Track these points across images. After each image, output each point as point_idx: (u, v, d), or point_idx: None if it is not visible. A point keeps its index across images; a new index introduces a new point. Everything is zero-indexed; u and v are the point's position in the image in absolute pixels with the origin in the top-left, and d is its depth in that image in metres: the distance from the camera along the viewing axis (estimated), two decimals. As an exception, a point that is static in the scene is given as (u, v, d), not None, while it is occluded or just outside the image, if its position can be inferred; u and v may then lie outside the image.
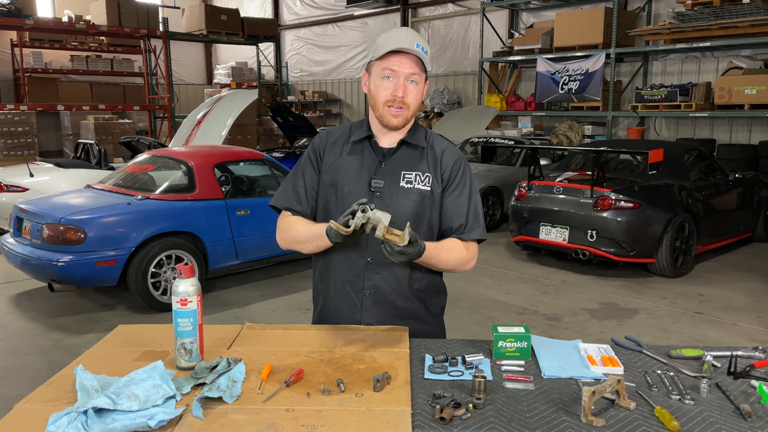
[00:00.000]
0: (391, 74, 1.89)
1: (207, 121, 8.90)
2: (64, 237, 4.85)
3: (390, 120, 1.92)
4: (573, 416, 1.45)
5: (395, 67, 1.88)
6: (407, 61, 1.88)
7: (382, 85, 1.91)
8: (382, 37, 1.93)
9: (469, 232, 1.99)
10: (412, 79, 1.90)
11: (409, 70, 1.88)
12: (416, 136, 2.02)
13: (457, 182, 2.01)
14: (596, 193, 6.20)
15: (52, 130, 16.28)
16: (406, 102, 1.90)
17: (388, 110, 1.91)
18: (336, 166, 2.01)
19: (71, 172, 7.76)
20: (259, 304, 5.54)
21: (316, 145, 2.08)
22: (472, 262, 2.02)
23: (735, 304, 5.54)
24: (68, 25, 12.91)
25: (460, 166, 2.02)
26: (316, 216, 2.06)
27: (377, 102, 1.93)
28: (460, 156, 2.04)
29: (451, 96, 15.50)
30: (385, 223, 1.64)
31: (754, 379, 1.62)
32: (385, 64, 1.88)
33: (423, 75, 1.93)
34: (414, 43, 1.87)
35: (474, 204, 2.02)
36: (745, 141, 11.04)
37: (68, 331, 4.87)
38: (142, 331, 1.95)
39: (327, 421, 1.39)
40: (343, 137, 2.05)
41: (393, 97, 1.89)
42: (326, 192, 2.02)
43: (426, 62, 1.90)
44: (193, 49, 21.06)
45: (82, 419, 1.35)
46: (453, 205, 2.00)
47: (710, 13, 10.24)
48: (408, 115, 1.94)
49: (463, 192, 2.01)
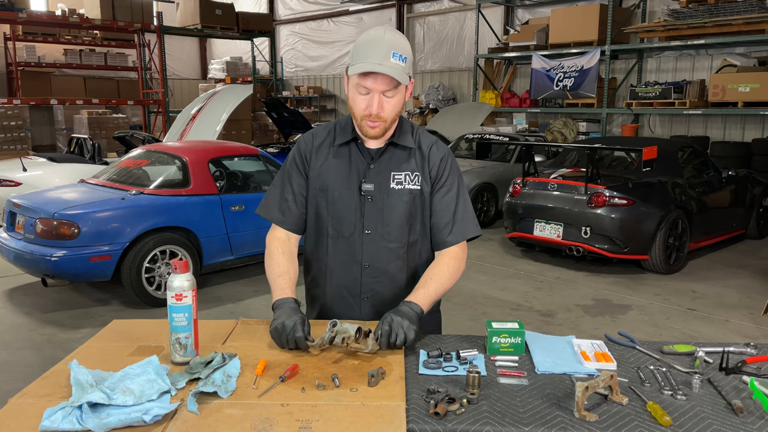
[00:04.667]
0: (366, 91, 1.84)
1: (201, 116, 8.88)
2: (58, 232, 4.84)
3: (368, 131, 1.89)
4: (566, 411, 1.46)
5: (369, 86, 1.82)
6: (381, 80, 1.80)
7: (358, 98, 1.86)
8: (359, 44, 1.84)
9: (459, 231, 1.98)
10: (387, 95, 1.84)
11: (384, 88, 1.82)
12: (403, 137, 1.98)
13: (445, 179, 1.98)
14: (590, 190, 6.22)
15: (46, 125, 16.20)
16: (382, 116, 1.85)
17: (366, 122, 1.87)
18: (324, 170, 1.97)
19: (65, 167, 7.73)
20: (254, 300, 5.53)
21: (301, 149, 2.02)
22: (463, 264, 2.00)
23: (727, 301, 5.58)
24: (62, 19, 12.83)
25: (447, 163, 1.99)
26: (306, 221, 2.04)
27: (355, 113, 1.90)
28: (446, 152, 2.02)
29: (446, 92, 15.50)
30: (351, 333, 1.68)
31: (746, 374, 1.64)
32: (360, 81, 1.82)
33: (401, 86, 1.85)
34: (389, 54, 1.78)
35: (463, 201, 2.00)
36: (739, 138, 11.08)
37: (62, 326, 4.86)
38: (136, 326, 1.95)
39: (322, 416, 1.39)
40: (328, 139, 2.01)
41: (368, 112, 1.85)
42: (316, 197, 1.99)
43: (402, 75, 1.81)
44: (188, 44, 20.97)
45: (76, 414, 1.35)
46: (441, 204, 1.98)
47: (705, 10, 10.27)
48: (386, 125, 1.89)
49: (451, 189, 1.99)
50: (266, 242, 2.03)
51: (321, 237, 2.01)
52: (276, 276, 1.94)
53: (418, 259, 2.03)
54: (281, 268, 1.95)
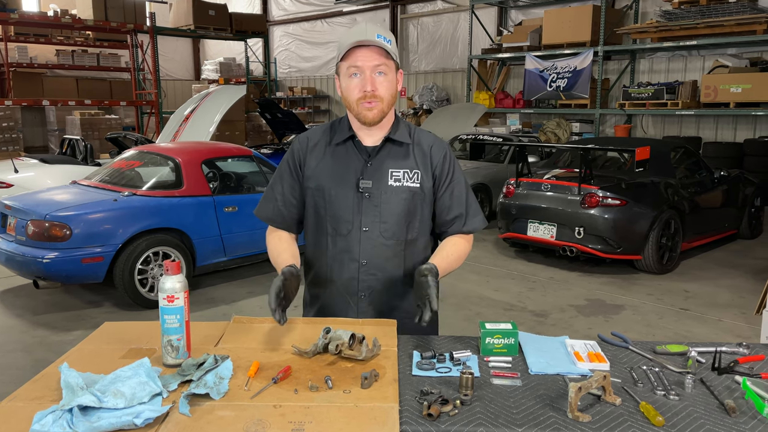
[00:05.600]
0: (357, 70, 1.86)
1: (195, 117, 8.85)
2: (50, 233, 4.81)
3: (365, 114, 1.89)
4: (559, 412, 1.46)
5: (360, 63, 1.85)
6: (370, 53, 1.84)
7: (351, 83, 1.88)
8: (343, 38, 1.91)
9: (470, 222, 2.04)
10: (380, 71, 1.86)
11: (374, 62, 1.85)
12: (400, 133, 1.99)
13: (451, 175, 2.02)
14: (583, 191, 6.24)
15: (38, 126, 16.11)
16: (377, 95, 1.87)
17: (362, 105, 1.88)
18: (320, 169, 1.98)
19: (56, 168, 7.69)
20: (247, 301, 5.52)
21: (295, 151, 2.03)
22: (468, 250, 2.08)
23: (719, 301, 5.60)
24: (54, 20, 12.77)
25: (450, 159, 2.03)
26: (304, 221, 2.07)
27: (350, 102, 1.91)
28: (447, 149, 2.05)
29: (440, 93, 15.52)
30: (345, 340, 1.68)
31: (738, 374, 1.64)
32: (350, 62, 1.86)
33: (391, 64, 1.88)
34: (375, 34, 1.83)
35: (470, 193, 2.07)
36: (731, 139, 11.15)
37: (54, 329, 4.83)
38: (128, 328, 1.94)
39: (315, 418, 1.38)
40: (324, 139, 2.02)
41: (363, 93, 1.86)
42: (314, 197, 2.00)
43: (391, 51, 1.86)
44: (181, 45, 20.92)
45: (67, 417, 1.34)
46: (452, 198, 2.02)
47: (697, 11, 10.33)
48: (383, 107, 1.90)
49: (459, 183, 2.04)
50: (266, 237, 2.10)
51: (320, 236, 2.02)
52: (276, 256, 2.01)
53: (416, 257, 2.03)
54: (281, 248, 2.02)
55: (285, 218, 2.06)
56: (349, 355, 1.67)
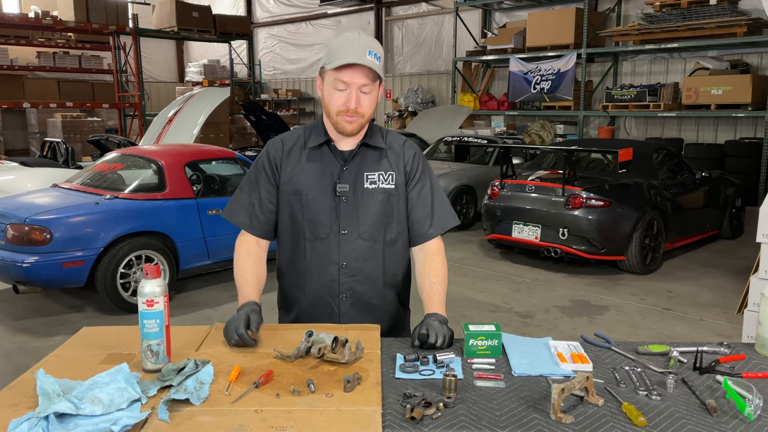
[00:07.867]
0: (344, 86, 1.87)
1: (178, 120, 8.79)
2: (29, 237, 4.74)
3: (345, 126, 1.91)
4: (543, 414, 1.46)
5: (347, 79, 1.85)
6: (359, 73, 1.85)
7: (335, 95, 1.88)
8: (334, 44, 1.89)
9: (438, 223, 2.04)
10: (364, 90, 1.88)
11: (361, 82, 1.86)
12: (375, 138, 2.01)
13: (419, 175, 2.03)
14: (567, 192, 6.27)
15: (18, 128, 15.91)
16: (359, 112, 1.89)
17: (343, 118, 1.89)
18: (296, 174, 1.98)
19: (37, 171, 7.58)
20: (232, 305, 5.47)
21: (271, 155, 2.02)
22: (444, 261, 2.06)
23: (701, 300, 5.66)
24: (34, 21, 12.63)
25: (419, 159, 2.05)
26: (278, 227, 2.04)
27: (330, 110, 1.91)
28: (417, 149, 2.08)
29: (425, 95, 15.54)
30: (328, 343, 1.67)
31: (719, 374, 1.65)
32: (337, 76, 1.86)
33: (376, 82, 1.90)
34: (366, 51, 1.84)
35: (438, 194, 2.06)
36: (712, 140, 11.28)
37: (34, 334, 4.76)
38: (107, 333, 1.91)
39: (296, 422, 1.37)
40: (299, 143, 2.02)
41: (346, 108, 1.88)
42: (290, 202, 1.99)
43: (379, 71, 1.87)
44: (164, 46, 20.77)
45: (43, 425, 1.31)
46: (418, 199, 2.03)
47: (678, 14, 10.44)
48: (363, 122, 1.93)
49: (426, 184, 2.04)
50: (235, 247, 2.04)
51: (297, 240, 2.00)
52: (241, 282, 1.99)
53: (395, 257, 2.05)
54: (246, 273, 1.99)
55: (262, 224, 2.03)
56: (331, 358, 1.66)
